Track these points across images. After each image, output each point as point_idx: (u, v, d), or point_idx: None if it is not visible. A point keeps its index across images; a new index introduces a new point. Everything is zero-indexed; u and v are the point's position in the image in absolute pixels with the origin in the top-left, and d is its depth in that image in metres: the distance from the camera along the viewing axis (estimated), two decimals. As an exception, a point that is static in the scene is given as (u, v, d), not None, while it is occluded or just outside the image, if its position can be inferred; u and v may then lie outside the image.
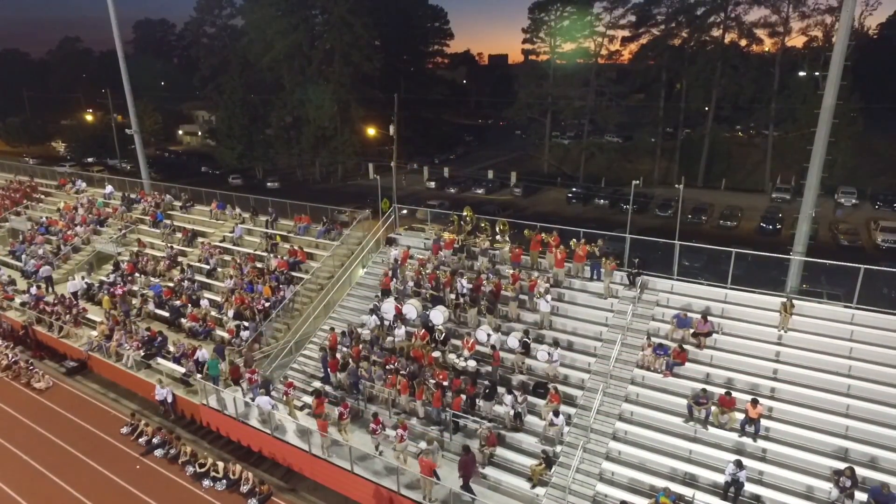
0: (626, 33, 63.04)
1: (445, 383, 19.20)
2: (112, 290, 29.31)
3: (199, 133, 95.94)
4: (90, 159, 77.05)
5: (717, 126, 59.73)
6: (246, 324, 24.62)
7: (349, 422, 19.22)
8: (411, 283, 24.07)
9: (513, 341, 20.37)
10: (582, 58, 63.93)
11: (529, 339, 20.36)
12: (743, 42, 56.93)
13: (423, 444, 17.66)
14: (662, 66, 58.83)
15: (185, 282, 28.71)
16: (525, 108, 66.63)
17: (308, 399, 20.85)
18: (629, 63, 66.49)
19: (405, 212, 27.78)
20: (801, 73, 54.23)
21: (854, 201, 48.75)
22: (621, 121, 63.82)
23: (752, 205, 49.67)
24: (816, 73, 50.91)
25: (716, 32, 56.78)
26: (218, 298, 27.52)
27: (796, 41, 54.72)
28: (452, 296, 22.61)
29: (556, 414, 17.79)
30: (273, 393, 20.87)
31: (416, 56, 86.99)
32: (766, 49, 57.15)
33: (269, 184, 62.78)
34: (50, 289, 31.48)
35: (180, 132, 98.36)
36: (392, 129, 44.46)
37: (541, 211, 49.55)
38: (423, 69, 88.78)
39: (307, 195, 36.47)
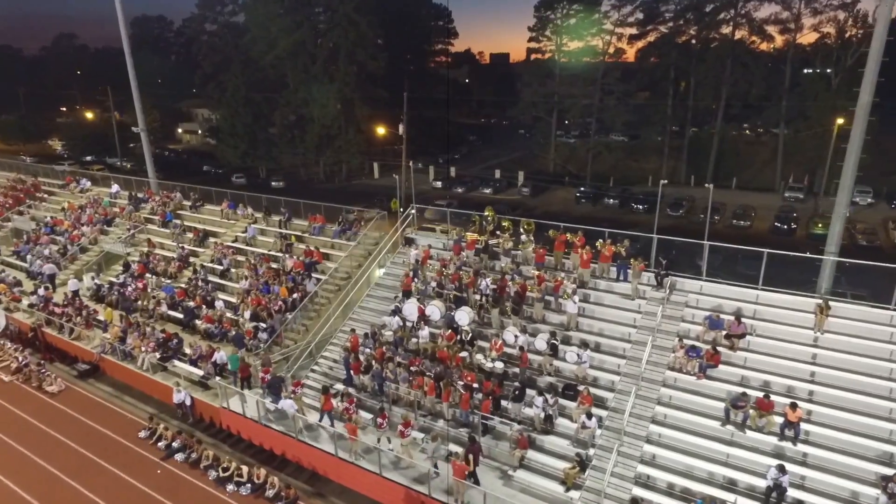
0: (633, 31, 62.56)
1: (475, 385, 18.84)
2: (123, 290, 28.85)
3: (199, 131, 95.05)
4: (89, 157, 76.01)
5: (725, 124, 59.21)
6: (263, 325, 24.19)
7: (360, 417, 19.10)
8: (433, 284, 23.66)
9: (540, 343, 19.99)
10: (588, 56, 63.29)
11: (557, 340, 20.00)
12: (753, 39, 56.38)
13: (444, 445, 17.39)
14: (670, 63, 58.32)
15: (199, 282, 28.23)
16: (530, 107, 66.16)
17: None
18: (636, 61, 65.81)
19: (413, 211, 27.43)
20: (807, 70, 53.97)
21: (870, 200, 48.15)
22: (628, 119, 63.14)
23: (764, 204, 49.17)
24: (829, 70, 50.83)
25: (725, 29, 56.22)
26: (232, 299, 27.06)
27: (808, 38, 54.29)
28: (476, 297, 22.23)
29: (589, 416, 17.44)
30: (292, 396, 20.46)
31: (420, 55, 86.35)
32: (776, 46, 56.61)
33: (273, 183, 62.03)
34: (52, 288, 30.94)
35: (179, 130, 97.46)
36: (401, 129, 44.15)
37: (550, 210, 49.09)
38: (427, 68, 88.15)
39: (312, 194, 35.64)
